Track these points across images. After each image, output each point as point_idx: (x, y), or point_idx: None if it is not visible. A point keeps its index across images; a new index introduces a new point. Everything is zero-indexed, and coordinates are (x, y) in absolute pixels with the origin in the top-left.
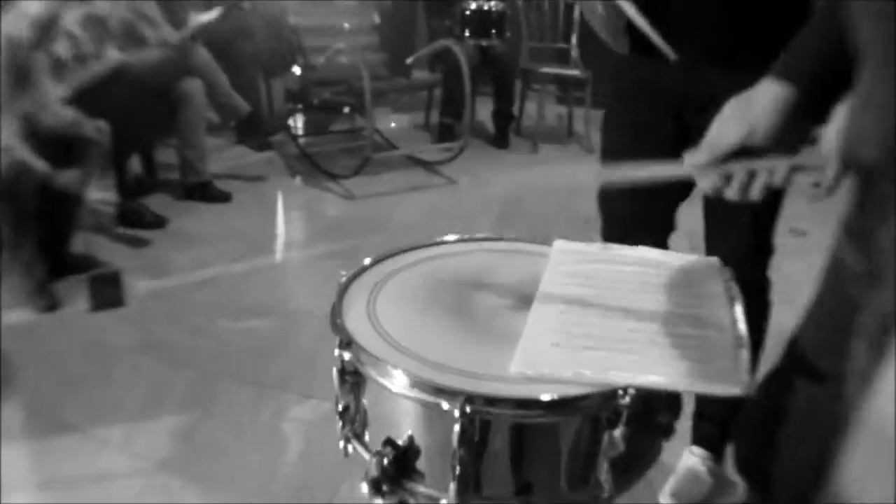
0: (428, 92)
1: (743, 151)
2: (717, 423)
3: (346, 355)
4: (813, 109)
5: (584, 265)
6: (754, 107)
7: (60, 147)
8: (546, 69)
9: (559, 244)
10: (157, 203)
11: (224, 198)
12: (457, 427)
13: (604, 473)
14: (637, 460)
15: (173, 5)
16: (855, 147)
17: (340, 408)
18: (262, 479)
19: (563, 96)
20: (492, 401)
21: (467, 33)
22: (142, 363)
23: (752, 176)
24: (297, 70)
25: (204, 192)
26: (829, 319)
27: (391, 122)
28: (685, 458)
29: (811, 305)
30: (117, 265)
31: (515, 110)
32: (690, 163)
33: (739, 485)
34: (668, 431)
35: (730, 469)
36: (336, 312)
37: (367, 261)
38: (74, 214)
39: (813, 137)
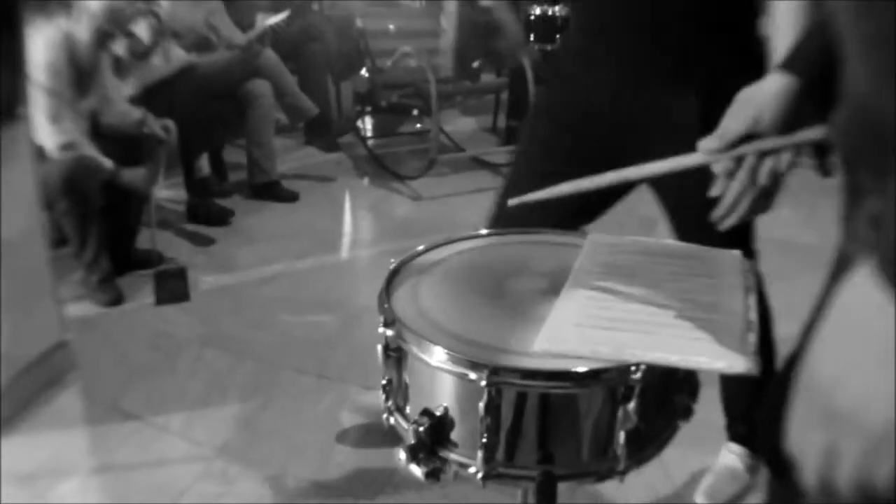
0: (495, 95)
1: (751, 138)
2: (747, 420)
3: (390, 332)
4: (817, 99)
5: (615, 255)
6: (760, 96)
7: (128, 145)
8: None
9: (593, 236)
10: (225, 202)
11: (292, 197)
12: (484, 397)
13: (620, 446)
14: (652, 437)
15: (241, 7)
16: (836, 139)
17: (384, 381)
18: (318, 465)
19: None
20: (516, 372)
21: (532, 38)
22: (204, 354)
23: (760, 160)
24: (364, 73)
25: (272, 191)
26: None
27: (458, 125)
28: (723, 455)
29: (819, 296)
30: (183, 261)
31: None
32: (703, 149)
33: None
34: (686, 413)
35: None
36: (382, 295)
37: (417, 248)
38: (140, 211)
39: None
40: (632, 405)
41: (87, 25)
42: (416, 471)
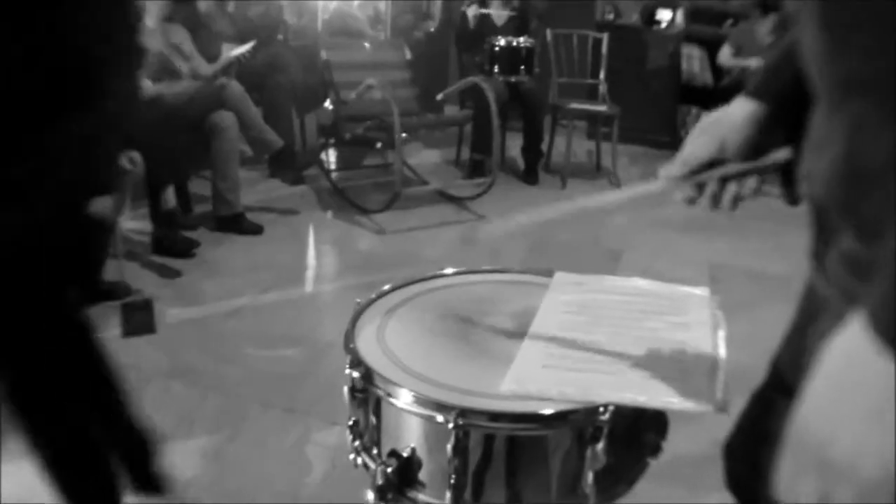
0: (459, 128)
1: (715, 164)
2: None
3: (356, 373)
4: (783, 125)
5: (580, 295)
6: (725, 122)
7: None
8: (575, 105)
9: (559, 275)
10: (190, 234)
11: (256, 230)
12: (451, 438)
13: (588, 485)
14: (622, 474)
15: (207, 38)
16: (808, 183)
17: (351, 422)
18: (286, 498)
19: (592, 131)
20: (483, 414)
21: (497, 69)
22: (171, 387)
23: (723, 186)
24: (329, 105)
25: (236, 223)
26: (799, 339)
27: (422, 158)
28: None
29: (788, 326)
30: (149, 293)
31: (544, 146)
32: (665, 175)
33: None
34: (654, 450)
35: None
36: (349, 335)
37: (384, 288)
38: (107, 242)
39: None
40: (600, 445)
41: None
42: None
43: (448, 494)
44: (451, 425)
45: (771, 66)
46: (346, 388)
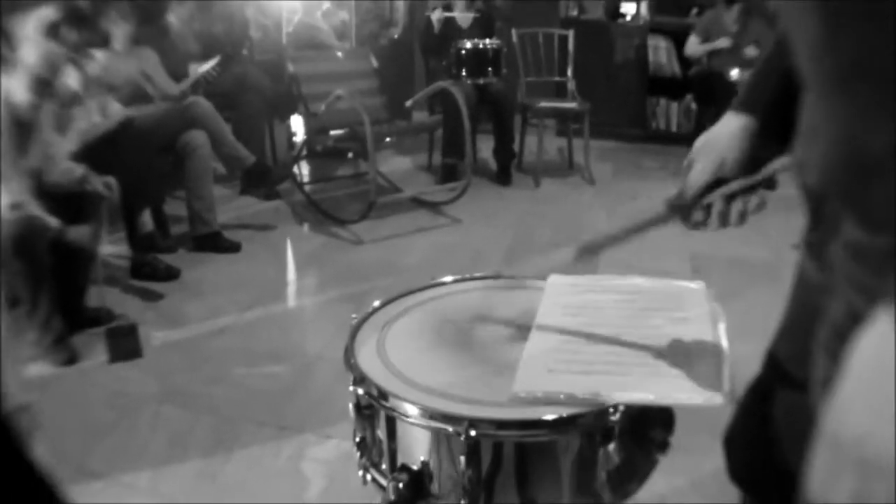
0: (429, 133)
1: (717, 184)
2: None
3: (361, 391)
4: (776, 134)
5: (577, 296)
6: (720, 140)
7: (71, 203)
8: (544, 103)
9: (553, 278)
10: (168, 255)
11: (234, 248)
12: (464, 449)
13: (602, 485)
14: (633, 473)
15: (174, 58)
16: (802, 172)
17: (358, 439)
18: None
19: (562, 129)
20: (493, 423)
21: (464, 73)
22: (163, 411)
23: (728, 204)
24: (299, 118)
25: (214, 242)
26: (798, 329)
27: (394, 166)
28: None
29: (784, 316)
30: (133, 317)
31: (516, 146)
32: (671, 204)
33: None
34: (662, 446)
35: None
36: (349, 352)
37: (376, 303)
38: (88, 269)
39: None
40: (612, 446)
41: (23, 79)
42: None
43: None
44: (462, 437)
45: (755, 78)
46: (350, 406)
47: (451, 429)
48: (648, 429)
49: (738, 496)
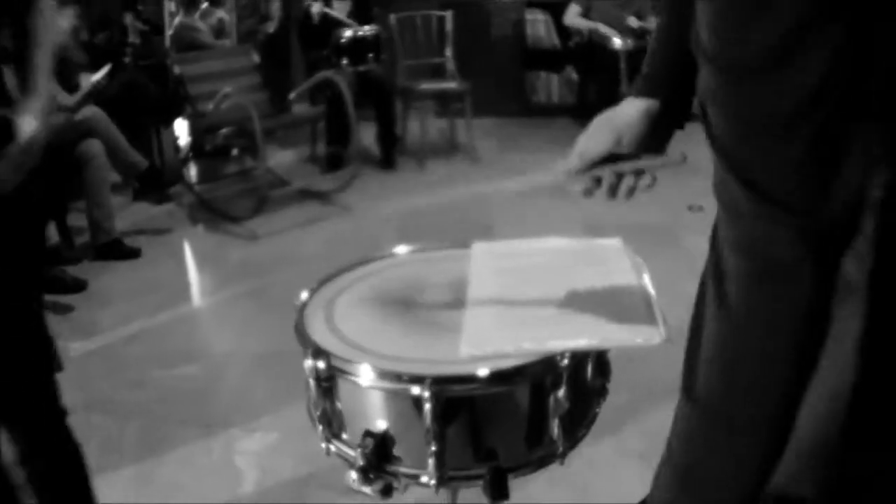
0: (311, 124)
1: (611, 158)
2: None
3: (321, 364)
4: (674, 116)
5: (504, 259)
6: (619, 118)
7: None
8: (425, 86)
9: (477, 245)
10: (72, 266)
11: (134, 254)
12: (428, 407)
13: (556, 431)
14: (581, 418)
15: (66, 70)
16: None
17: (319, 413)
18: None
19: (443, 110)
20: (454, 379)
21: (345, 61)
22: (91, 420)
23: (619, 178)
24: (182, 121)
25: (114, 250)
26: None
27: (279, 159)
28: None
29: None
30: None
31: (399, 130)
32: (562, 170)
33: None
34: (601, 392)
35: None
36: (301, 328)
37: (314, 284)
38: None
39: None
40: (562, 392)
41: None
42: (369, 490)
43: (430, 462)
44: (426, 394)
45: (652, 61)
46: (311, 381)
47: (415, 388)
48: (588, 377)
49: None
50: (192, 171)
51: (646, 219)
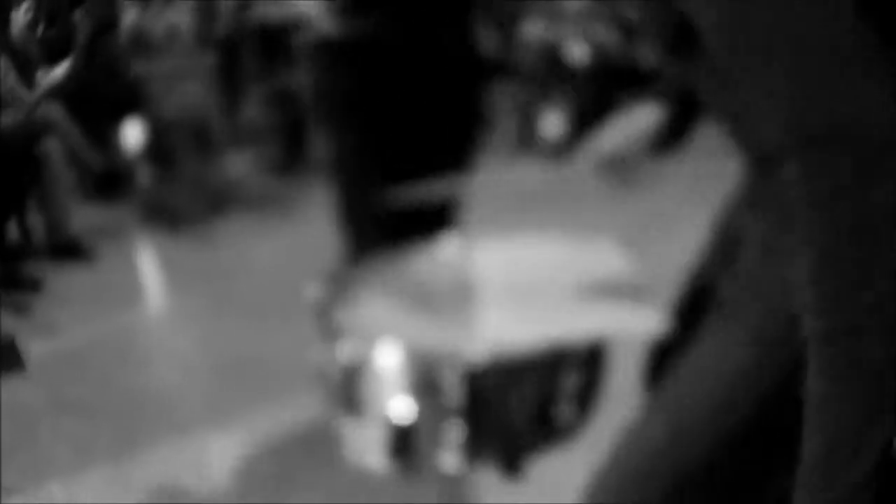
0: (269, 126)
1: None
2: None
3: (347, 349)
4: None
5: (506, 252)
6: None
7: None
8: None
9: (478, 239)
10: (29, 266)
11: (90, 254)
12: (461, 386)
13: (566, 412)
14: (587, 402)
15: (24, 66)
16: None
17: (344, 399)
18: None
19: None
20: (474, 364)
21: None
22: (63, 422)
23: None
24: (140, 119)
25: (70, 249)
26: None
27: (238, 161)
28: None
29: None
30: (9, 330)
31: None
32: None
33: None
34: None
35: None
36: (324, 316)
37: (327, 277)
38: None
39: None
40: (572, 378)
41: None
42: (397, 471)
43: (448, 444)
44: (455, 375)
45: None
46: (336, 368)
47: (441, 370)
48: (598, 362)
49: None
50: (146, 172)
51: (645, 217)
